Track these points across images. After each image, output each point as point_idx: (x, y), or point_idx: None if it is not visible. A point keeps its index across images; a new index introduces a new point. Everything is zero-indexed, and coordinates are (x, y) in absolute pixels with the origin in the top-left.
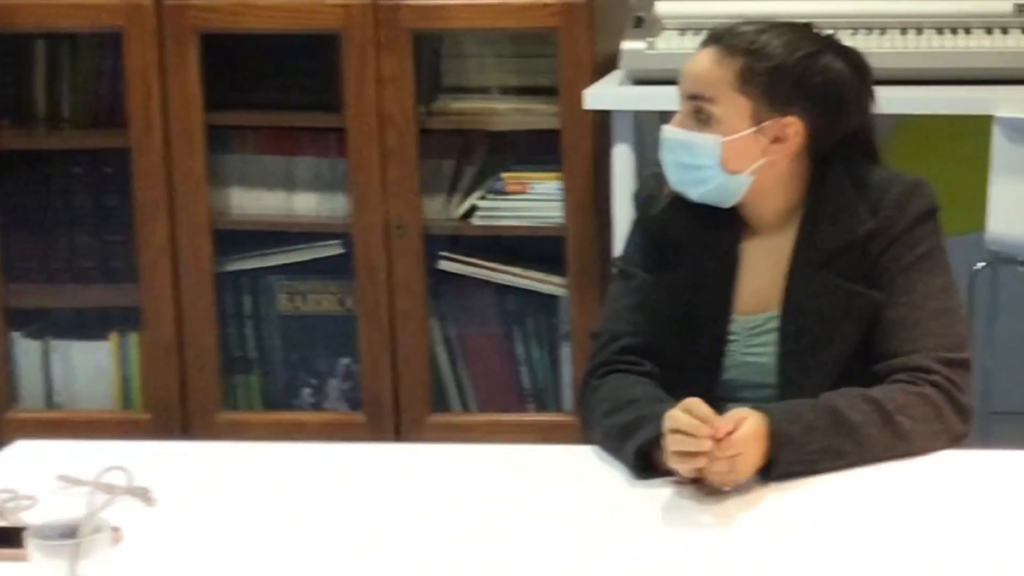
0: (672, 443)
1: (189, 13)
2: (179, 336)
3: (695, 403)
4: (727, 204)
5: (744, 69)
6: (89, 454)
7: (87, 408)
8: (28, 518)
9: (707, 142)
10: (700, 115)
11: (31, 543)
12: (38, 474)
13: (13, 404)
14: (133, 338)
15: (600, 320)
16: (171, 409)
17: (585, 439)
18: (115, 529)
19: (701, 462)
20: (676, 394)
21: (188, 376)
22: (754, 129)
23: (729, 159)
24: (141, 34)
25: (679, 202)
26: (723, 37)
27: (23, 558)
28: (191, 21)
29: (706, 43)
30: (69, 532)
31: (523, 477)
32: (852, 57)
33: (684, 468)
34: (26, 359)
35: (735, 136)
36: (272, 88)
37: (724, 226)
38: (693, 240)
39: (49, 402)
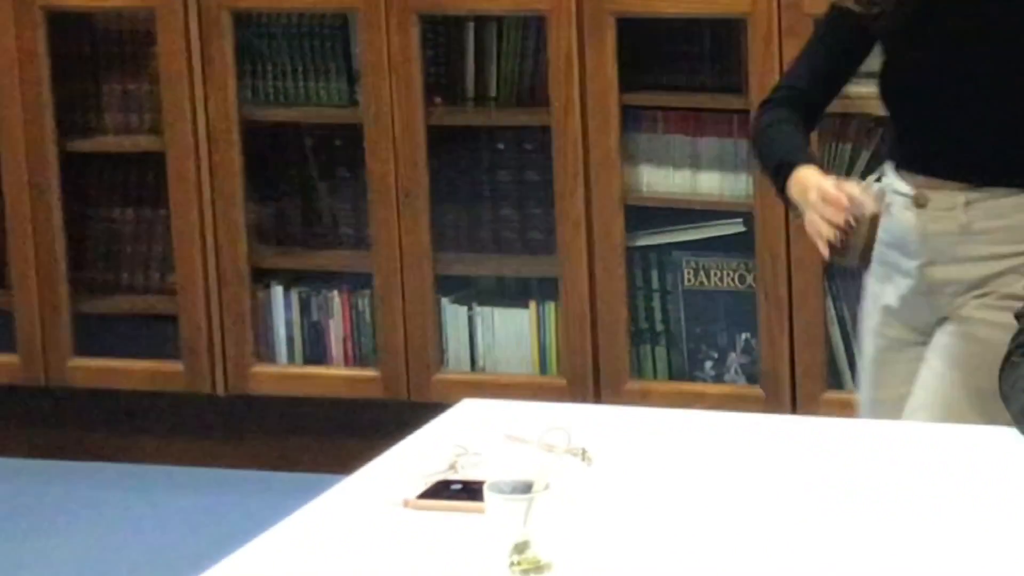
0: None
1: None
2: (592, 306)
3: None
4: None
5: None
6: (524, 414)
7: (507, 372)
8: (477, 474)
9: None
10: None
11: (490, 497)
12: (481, 431)
13: (441, 366)
14: (550, 307)
15: None
16: (584, 376)
17: None
18: (560, 486)
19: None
20: None
21: (600, 345)
22: None
23: None
24: (563, 18)
25: None
26: None
27: (480, 511)
28: (609, 5)
29: None
30: (520, 488)
31: (929, 454)
32: None
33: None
34: (453, 324)
35: None
36: (679, 70)
37: None
38: None
39: (473, 365)
